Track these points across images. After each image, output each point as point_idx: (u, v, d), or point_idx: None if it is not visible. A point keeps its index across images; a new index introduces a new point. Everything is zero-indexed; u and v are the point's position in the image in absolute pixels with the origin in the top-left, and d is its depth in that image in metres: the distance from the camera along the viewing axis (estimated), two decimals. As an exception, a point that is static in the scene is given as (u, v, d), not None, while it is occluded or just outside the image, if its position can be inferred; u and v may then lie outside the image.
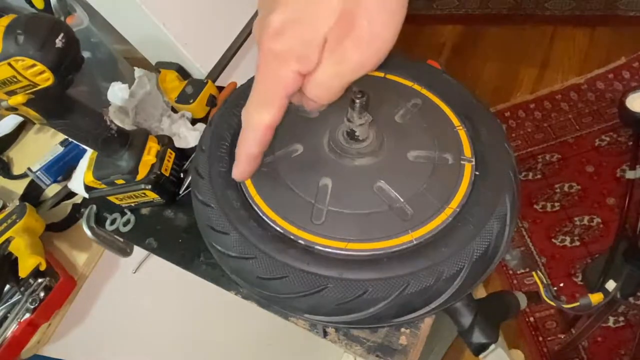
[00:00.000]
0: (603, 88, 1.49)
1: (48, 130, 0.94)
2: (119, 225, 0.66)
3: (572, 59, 1.61)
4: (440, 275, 0.32)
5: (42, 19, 0.41)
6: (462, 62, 1.79)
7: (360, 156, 0.37)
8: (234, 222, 0.34)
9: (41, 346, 0.67)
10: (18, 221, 0.67)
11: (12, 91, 0.43)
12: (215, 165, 0.37)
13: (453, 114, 0.42)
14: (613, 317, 1.15)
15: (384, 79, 0.44)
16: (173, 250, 0.60)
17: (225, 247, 0.34)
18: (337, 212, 0.35)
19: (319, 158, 0.38)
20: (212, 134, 0.40)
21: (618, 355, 1.11)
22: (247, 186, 0.36)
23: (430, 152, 0.39)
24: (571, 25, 1.66)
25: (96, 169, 0.60)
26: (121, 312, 0.81)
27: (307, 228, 0.34)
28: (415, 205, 0.36)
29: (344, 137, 0.37)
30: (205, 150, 0.38)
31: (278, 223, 0.35)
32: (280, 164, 0.38)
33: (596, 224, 1.30)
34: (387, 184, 0.37)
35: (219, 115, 0.41)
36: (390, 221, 0.35)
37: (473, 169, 0.38)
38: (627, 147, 1.35)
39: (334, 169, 0.37)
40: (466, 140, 0.40)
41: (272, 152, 0.38)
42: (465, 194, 0.36)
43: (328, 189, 0.36)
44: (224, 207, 0.35)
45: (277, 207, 0.35)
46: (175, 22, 0.84)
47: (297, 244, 0.34)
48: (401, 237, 0.34)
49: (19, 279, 0.66)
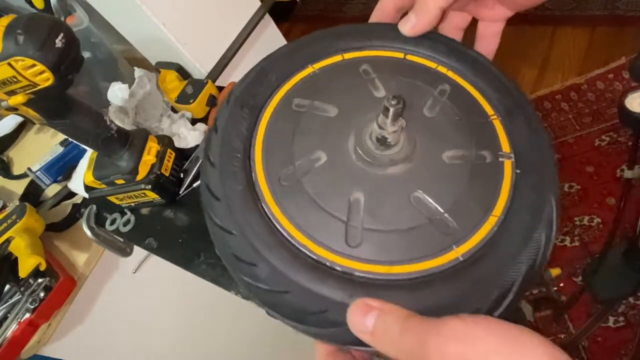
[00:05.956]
0: (603, 88, 1.49)
1: (48, 130, 0.94)
2: (119, 225, 0.66)
3: (572, 59, 1.60)
4: (490, 295, 0.29)
5: (42, 19, 0.41)
6: (462, 62, 1.78)
7: (393, 163, 0.33)
8: (261, 250, 0.30)
9: (41, 346, 0.67)
10: (18, 221, 0.67)
11: (12, 91, 0.43)
12: (230, 183, 0.32)
13: (485, 101, 0.37)
14: (613, 317, 1.15)
15: (404, 60, 0.38)
16: (173, 250, 0.60)
17: (255, 279, 0.30)
18: (373, 230, 0.31)
19: (346, 168, 0.33)
20: (221, 143, 0.34)
21: (618, 355, 1.11)
22: (270, 206, 0.32)
23: (466, 151, 0.35)
24: (571, 25, 1.66)
25: (96, 169, 0.60)
26: (121, 312, 0.81)
27: (343, 252, 0.30)
28: (457, 215, 0.32)
29: (373, 142, 0.33)
30: (215, 165, 0.33)
31: (310, 249, 0.30)
32: (304, 177, 0.33)
33: (596, 224, 1.30)
34: (424, 194, 0.33)
35: (225, 120, 0.36)
36: (432, 237, 0.31)
37: (513, 166, 0.34)
38: (627, 147, 1.35)
39: (365, 180, 0.33)
40: (502, 132, 0.35)
41: (291, 162, 0.33)
42: (508, 198, 0.33)
43: (360, 204, 0.32)
44: (248, 234, 0.30)
45: (307, 229, 0.31)
46: (175, 22, 0.84)
47: (334, 272, 0.30)
48: (446, 254, 0.30)
49: (19, 279, 0.66)
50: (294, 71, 0.36)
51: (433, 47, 0.38)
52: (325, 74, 0.36)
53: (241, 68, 1.00)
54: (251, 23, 0.98)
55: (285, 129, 0.34)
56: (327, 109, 0.35)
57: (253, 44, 1.03)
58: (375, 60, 0.37)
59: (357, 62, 0.37)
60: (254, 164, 0.32)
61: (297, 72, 0.36)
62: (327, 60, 0.37)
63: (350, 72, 0.36)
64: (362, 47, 0.37)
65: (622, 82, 1.48)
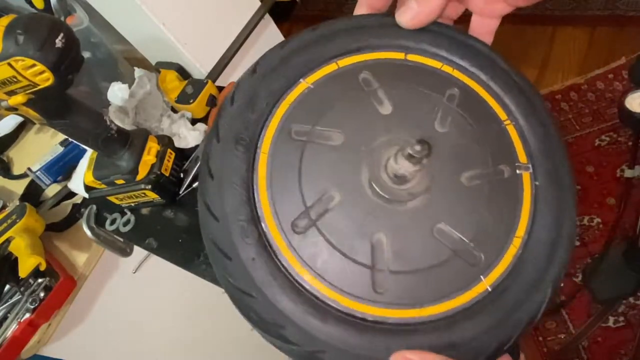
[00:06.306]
0: (603, 88, 1.49)
1: (48, 130, 0.94)
2: (119, 225, 0.66)
3: (572, 59, 1.60)
4: (520, 323, 0.28)
5: (42, 19, 0.41)
6: (462, 62, 1.78)
7: (412, 197, 0.31)
8: (287, 313, 0.27)
9: (41, 346, 0.67)
10: (18, 221, 0.67)
11: (12, 91, 0.43)
12: (240, 239, 0.28)
13: (496, 103, 0.34)
14: (613, 317, 1.14)
15: (406, 62, 0.34)
16: (173, 250, 0.60)
17: (284, 340, 0.27)
18: (400, 272, 0.29)
19: (363, 206, 0.30)
20: (221, 193, 0.29)
21: (618, 355, 1.11)
22: (288, 259, 0.29)
23: (484, 168, 0.32)
24: (571, 25, 1.66)
25: (96, 169, 0.60)
26: (121, 312, 0.81)
27: (372, 300, 0.28)
28: (481, 243, 0.30)
29: (390, 177, 0.30)
30: (219, 219, 0.29)
31: (339, 302, 0.28)
32: (319, 221, 0.29)
33: (596, 224, 1.29)
34: (447, 225, 0.31)
35: (219, 162, 0.30)
36: (459, 269, 0.30)
37: (532, 178, 0.32)
38: (627, 147, 1.35)
39: (385, 218, 0.30)
40: (518, 140, 0.33)
41: (303, 206, 0.29)
42: (529, 215, 0.31)
43: (383, 245, 0.30)
44: (269, 296, 0.27)
45: (331, 280, 0.28)
46: (175, 22, 0.84)
47: (366, 324, 0.28)
48: (475, 286, 0.29)
49: (19, 279, 0.66)
50: (286, 89, 0.31)
51: (435, 41, 0.34)
52: (322, 89, 0.32)
53: (241, 68, 1.00)
54: (251, 23, 0.98)
55: (288, 166, 0.30)
56: (331, 135, 0.31)
57: (253, 44, 1.03)
58: (375, 66, 0.33)
59: (355, 69, 0.33)
60: (261, 212, 0.28)
61: (290, 90, 0.31)
62: (320, 70, 0.32)
63: (349, 84, 0.32)
64: (358, 48, 0.33)
65: (622, 82, 1.48)
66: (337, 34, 0.33)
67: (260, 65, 0.31)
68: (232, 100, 0.31)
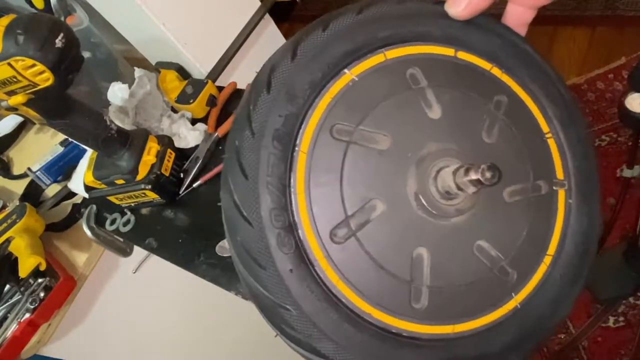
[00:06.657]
0: (603, 88, 1.49)
1: (48, 130, 0.94)
2: (119, 225, 0.66)
3: (572, 59, 1.60)
4: (541, 338, 0.29)
5: (42, 19, 0.41)
6: (462, 62, 1.78)
7: (459, 214, 0.29)
8: (323, 327, 0.26)
9: (41, 346, 0.67)
10: (18, 221, 0.67)
11: (12, 91, 0.43)
12: (275, 247, 0.26)
13: (540, 114, 0.32)
14: (613, 317, 1.14)
15: (455, 60, 0.32)
16: (173, 250, 0.60)
17: (317, 354, 0.27)
18: (437, 288, 0.28)
19: (406, 219, 0.29)
20: (255, 195, 0.26)
21: (618, 355, 1.11)
22: (326, 271, 0.27)
23: (524, 183, 0.31)
24: (571, 25, 1.66)
25: (96, 169, 0.60)
26: (121, 312, 0.81)
27: (408, 315, 0.28)
28: (515, 260, 0.30)
29: (440, 192, 0.29)
30: (254, 224, 0.26)
31: (375, 317, 0.27)
32: (360, 231, 0.28)
33: (596, 224, 1.30)
34: (486, 242, 0.30)
35: (254, 159, 0.26)
36: (493, 287, 0.29)
37: (567, 196, 0.31)
38: (627, 147, 1.35)
39: (428, 233, 0.29)
40: (557, 154, 0.32)
41: (344, 212, 0.27)
42: (561, 234, 0.31)
43: (424, 260, 0.29)
44: (306, 310, 0.26)
45: (369, 294, 0.27)
46: (175, 22, 0.84)
47: (401, 339, 0.27)
48: (506, 304, 0.29)
49: (19, 279, 0.66)
50: (329, 80, 0.28)
51: (487, 40, 0.32)
52: (366, 83, 0.29)
53: (241, 68, 1.00)
54: (251, 23, 0.98)
55: (329, 169, 0.27)
56: (376, 137, 0.29)
57: (253, 44, 1.03)
58: (423, 61, 0.30)
59: (403, 63, 0.30)
60: (298, 218, 0.26)
61: (332, 82, 0.28)
62: (366, 61, 0.29)
63: (395, 79, 0.29)
64: (407, 38, 0.30)
65: (622, 82, 1.48)
66: (386, 17, 0.30)
67: (301, 49, 0.28)
68: (268, 88, 0.27)
